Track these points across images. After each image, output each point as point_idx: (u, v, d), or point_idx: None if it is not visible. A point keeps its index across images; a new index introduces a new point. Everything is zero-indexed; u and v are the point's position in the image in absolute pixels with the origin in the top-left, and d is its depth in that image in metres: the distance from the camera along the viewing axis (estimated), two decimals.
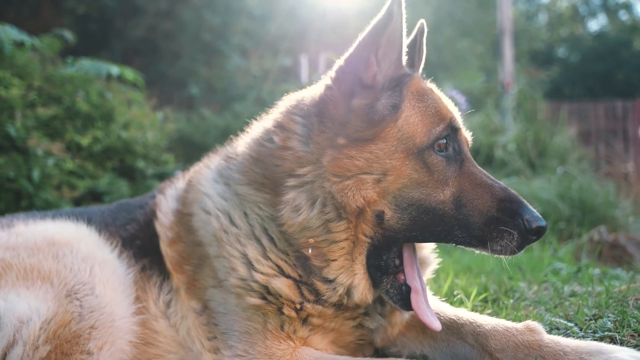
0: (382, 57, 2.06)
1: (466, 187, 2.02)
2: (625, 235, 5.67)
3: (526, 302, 2.92)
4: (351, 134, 2.01)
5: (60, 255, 2.18)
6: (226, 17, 15.90)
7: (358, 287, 2.03)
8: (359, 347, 2.22)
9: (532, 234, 1.93)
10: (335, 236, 2.00)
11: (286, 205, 2.03)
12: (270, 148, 2.15)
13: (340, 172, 1.97)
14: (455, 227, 1.98)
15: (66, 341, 1.96)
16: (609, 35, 37.35)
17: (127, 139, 6.36)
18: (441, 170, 2.00)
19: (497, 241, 1.94)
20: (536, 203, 6.36)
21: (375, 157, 1.98)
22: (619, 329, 2.22)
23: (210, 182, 2.34)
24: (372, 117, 2.01)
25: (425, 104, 2.09)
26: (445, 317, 2.29)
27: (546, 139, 8.61)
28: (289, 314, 2.06)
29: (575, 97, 30.57)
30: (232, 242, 2.14)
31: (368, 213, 1.98)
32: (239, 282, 2.10)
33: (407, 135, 2.01)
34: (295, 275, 2.08)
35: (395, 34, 2.04)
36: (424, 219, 1.99)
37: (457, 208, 1.98)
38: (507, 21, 12.87)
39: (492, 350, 2.06)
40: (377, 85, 2.05)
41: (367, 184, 1.96)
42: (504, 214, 1.95)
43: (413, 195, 1.98)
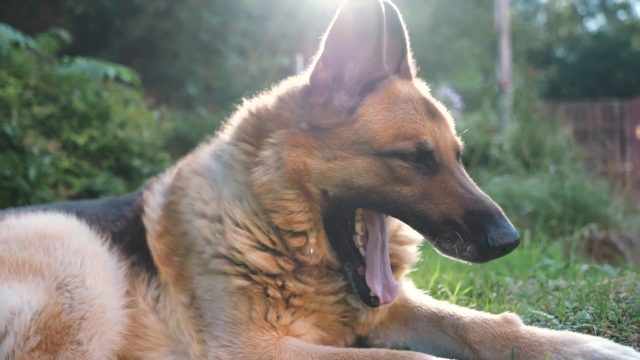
0: (330, 58, 2.13)
1: (433, 193, 2.01)
2: (616, 233, 5.73)
3: (510, 296, 2.97)
4: (312, 121, 2.13)
5: (51, 249, 2.22)
6: (224, 17, 15.93)
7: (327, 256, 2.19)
8: (342, 328, 2.29)
9: (495, 250, 1.91)
10: (289, 205, 2.13)
11: (261, 167, 2.16)
12: (268, 110, 2.28)
13: (295, 142, 2.11)
14: (408, 214, 2.03)
15: (56, 332, 2.00)
16: (607, 35, 37.39)
17: (123, 137, 6.40)
18: (404, 173, 2.02)
19: (448, 242, 1.96)
20: (528, 201, 6.42)
21: (328, 146, 2.09)
22: (596, 320, 2.28)
23: (208, 158, 2.45)
24: (328, 111, 2.13)
25: (395, 115, 2.08)
26: (427, 310, 2.35)
27: (541, 138, 8.65)
28: (274, 294, 2.12)
29: (574, 97, 30.59)
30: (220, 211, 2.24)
31: (313, 190, 2.11)
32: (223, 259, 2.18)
33: (363, 140, 2.06)
34: (269, 243, 2.17)
35: (352, 33, 2.07)
36: (374, 198, 2.05)
37: (415, 203, 2.01)
38: (505, 21, 12.90)
39: (471, 342, 2.12)
40: (320, 84, 2.14)
41: (315, 156, 2.09)
42: (466, 225, 1.94)
43: (363, 182, 2.05)
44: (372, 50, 2.10)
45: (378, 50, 2.11)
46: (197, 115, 12.54)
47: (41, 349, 1.96)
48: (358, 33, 2.07)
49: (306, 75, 2.24)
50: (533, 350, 1.93)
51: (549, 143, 8.50)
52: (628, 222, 6.42)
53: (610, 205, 6.55)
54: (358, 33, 2.07)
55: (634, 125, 17.54)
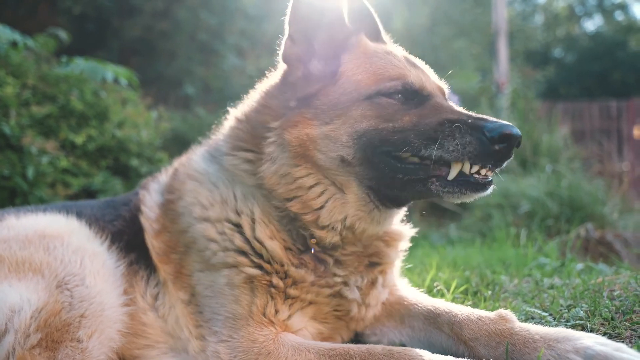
0: (295, 33, 2.27)
1: (427, 114, 2.11)
2: (612, 232, 5.76)
3: (506, 294, 3.00)
4: (298, 96, 2.22)
5: (51, 248, 2.25)
6: (222, 17, 15.93)
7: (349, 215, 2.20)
8: (337, 322, 2.32)
9: (497, 143, 1.95)
10: (302, 182, 2.18)
11: (267, 161, 2.22)
12: (255, 107, 2.36)
13: (292, 123, 2.18)
14: (411, 135, 2.06)
15: (56, 329, 2.02)
16: (605, 36, 37.45)
17: (121, 137, 6.41)
18: (396, 109, 2.13)
19: (450, 140, 1.99)
20: (525, 200, 6.45)
21: (321, 110, 2.18)
22: (590, 317, 2.31)
23: (202, 161, 2.48)
24: (309, 79, 2.24)
25: (375, 64, 2.24)
26: (423, 307, 2.39)
27: (538, 138, 8.68)
28: (277, 283, 2.17)
29: (572, 97, 30.62)
30: (226, 210, 2.28)
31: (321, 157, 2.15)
32: (233, 252, 2.21)
33: (350, 89, 2.18)
34: (281, 240, 2.22)
35: (306, 6, 2.23)
36: (383, 134, 2.10)
37: (416, 125, 2.08)
38: (502, 21, 12.96)
39: (466, 339, 2.14)
40: (296, 59, 2.28)
41: (314, 126, 2.16)
42: (462, 122, 2.01)
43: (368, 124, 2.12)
44: (335, 16, 2.26)
45: (338, 14, 2.27)
46: (195, 115, 12.54)
47: (41, 347, 1.98)
48: (316, 5, 2.23)
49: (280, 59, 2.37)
50: (527, 347, 1.96)
51: (546, 143, 8.53)
52: (624, 221, 6.45)
53: (606, 205, 6.58)
54: (316, 5, 2.23)
55: (631, 125, 17.61)
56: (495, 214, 6.60)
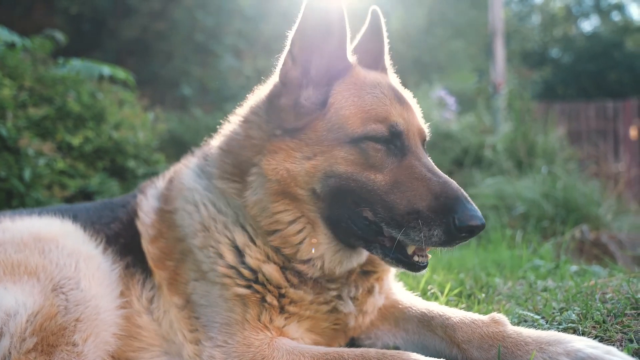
0: (299, 54, 2.18)
1: (402, 179, 2.07)
2: (607, 234, 5.79)
3: (499, 297, 3.02)
4: (285, 126, 2.16)
5: (46, 251, 2.25)
6: (219, 17, 15.92)
7: (325, 256, 2.19)
8: (334, 333, 2.33)
9: (462, 232, 1.96)
10: (281, 217, 2.16)
11: (249, 190, 2.19)
12: (237, 140, 2.31)
13: (273, 149, 2.14)
14: (379, 206, 2.05)
15: (52, 333, 2.03)
16: (601, 36, 37.51)
17: (118, 139, 6.41)
18: (377, 158, 2.09)
19: (416, 231, 1.98)
20: (520, 202, 6.48)
21: (305, 143, 2.13)
22: (582, 320, 2.33)
23: (194, 177, 2.45)
24: (299, 112, 2.16)
25: (363, 99, 2.17)
26: (417, 311, 2.40)
27: (534, 139, 8.71)
28: (271, 301, 2.17)
29: (568, 98, 30.68)
30: (221, 230, 2.26)
31: (299, 193, 2.12)
32: (226, 270, 2.20)
33: (337, 126, 2.12)
34: (280, 261, 2.21)
35: (317, 29, 2.14)
36: (352, 185, 2.08)
37: (386, 193, 2.05)
38: (499, 22, 12.97)
39: (459, 341, 2.16)
40: (293, 82, 2.18)
41: (295, 158, 2.11)
42: (429, 210, 1.98)
43: (343, 169, 2.08)
44: (336, 45, 2.18)
45: (340, 44, 2.19)
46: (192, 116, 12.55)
47: (37, 351, 1.99)
48: (323, 29, 2.15)
49: (272, 79, 2.31)
50: (519, 350, 1.98)
51: (542, 144, 8.56)
52: (619, 222, 6.48)
53: (601, 206, 6.61)
54: (323, 29, 2.15)
55: (627, 125, 17.67)
56: (491, 215, 6.62)
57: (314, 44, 2.17)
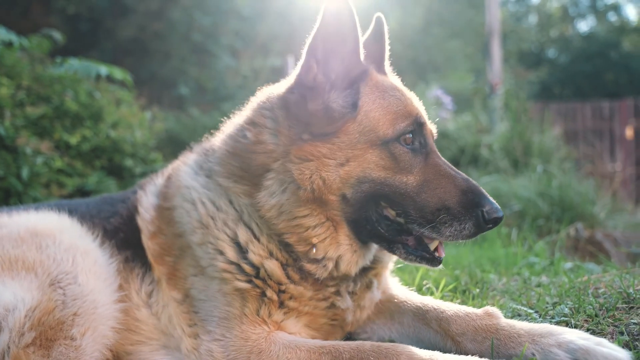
0: (322, 58, 2.18)
1: (430, 178, 2.16)
2: (601, 232, 5.82)
3: (494, 292, 3.04)
4: (314, 131, 2.16)
5: (43, 246, 2.26)
6: (216, 17, 15.96)
7: (344, 257, 2.21)
8: (331, 329, 2.35)
9: (489, 224, 2.08)
10: (304, 222, 2.16)
11: (265, 191, 2.18)
12: (245, 143, 2.29)
13: (303, 155, 2.13)
14: (410, 207, 2.12)
15: (50, 327, 2.04)
16: (598, 36, 37.61)
17: (115, 138, 6.44)
18: (407, 160, 2.15)
19: (447, 227, 2.08)
20: (516, 200, 6.51)
21: (338, 147, 2.13)
22: (574, 314, 2.35)
23: (191, 175, 2.46)
24: (331, 116, 2.16)
25: (388, 100, 2.22)
26: (412, 305, 2.43)
27: (530, 138, 8.74)
28: (271, 296, 2.19)
29: (565, 98, 30.76)
30: (220, 227, 2.26)
31: (330, 198, 2.14)
32: (226, 265, 2.21)
33: (368, 129, 2.14)
34: (283, 259, 2.22)
35: (336, 33, 2.16)
36: (385, 190, 2.13)
37: (418, 193, 2.13)
38: (496, 22, 12.99)
39: (454, 334, 2.19)
40: (320, 86, 2.18)
41: (330, 166, 2.12)
42: (459, 205, 2.09)
43: (376, 175, 2.13)
44: (351, 48, 2.20)
45: (355, 47, 2.21)
46: (189, 115, 12.57)
47: (36, 345, 2.00)
48: (340, 34, 2.17)
49: (285, 85, 2.30)
50: (512, 342, 2.01)
51: (538, 143, 8.59)
52: (614, 221, 6.52)
53: (596, 205, 6.65)
54: (340, 34, 2.17)
55: (623, 125, 17.72)
56: None
57: (334, 48, 2.19)
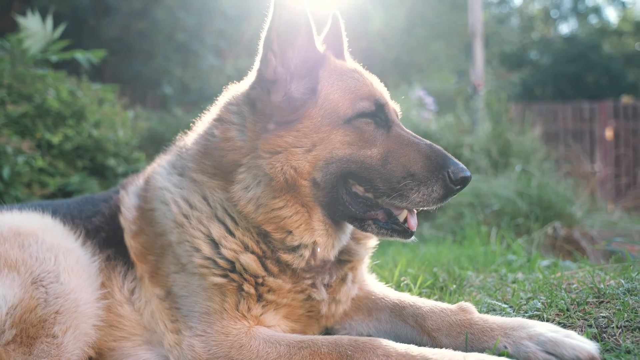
0: (279, 50, 2.28)
1: (394, 148, 2.24)
2: (579, 231, 5.93)
3: (471, 289, 3.11)
4: (278, 120, 2.24)
5: (26, 245, 2.28)
6: (200, 17, 15.90)
7: (319, 242, 2.28)
8: (308, 320, 2.41)
9: (456, 184, 2.17)
10: (281, 213, 2.23)
11: (238, 185, 2.25)
12: (214, 141, 2.37)
13: (271, 148, 2.20)
14: (377, 180, 2.20)
15: (32, 325, 2.08)
16: (579, 39, 38.04)
17: (98, 137, 6.40)
18: (369, 132, 2.24)
19: (414, 192, 2.16)
20: (495, 199, 6.60)
21: (303, 133, 2.21)
22: (547, 309, 2.43)
23: (164, 176, 2.51)
24: (293, 104, 2.25)
25: (346, 82, 2.32)
26: (389, 301, 2.49)
27: (510, 138, 8.85)
28: (249, 290, 2.24)
29: (547, 99, 31.08)
30: (195, 225, 2.31)
31: (302, 183, 2.21)
32: (203, 261, 2.26)
33: (330, 110, 2.24)
34: (259, 251, 2.28)
35: (288, 25, 2.25)
36: (352, 167, 2.21)
37: (383, 165, 2.21)
38: (478, 24, 13.11)
39: (429, 329, 2.25)
40: (281, 77, 2.28)
41: (298, 155, 2.20)
42: (424, 169, 2.17)
43: (343, 152, 2.21)
44: (306, 37, 2.30)
45: (309, 35, 2.32)
46: (173, 115, 12.54)
47: (16, 342, 2.04)
48: (293, 26, 2.26)
49: (248, 81, 2.40)
50: (485, 335, 2.08)
51: (517, 143, 8.70)
52: (591, 220, 6.64)
53: (574, 204, 6.76)
54: (293, 26, 2.26)
55: (603, 126, 17.97)
56: (467, 212, 6.74)
57: (288, 39, 2.28)
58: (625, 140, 17.63)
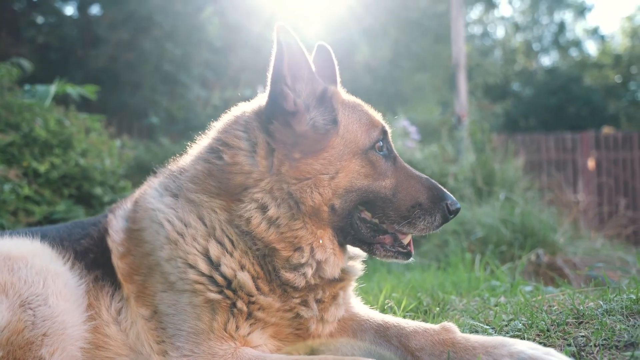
0: (293, 83, 2.38)
1: (401, 179, 2.44)
2: (562, 258, 6.02)
3: (454, 312, 3.16)
4: (304, 149, 2.34)
5: (15, 269, 2.31)
6: (188, 48, 16.08)
7: (329, 260, 2.38)
8: (295, 339, 2.44)
9: (451, 214, 2.43)
10: (297, 232, 2.33)
11: (249, 205, 2.33)
12: (219, 165, 2.42)
13: (301, 175, 2.32)
14: (390, 209, 2.38)
15: (19, 347, 2.09)
16: (560, 71, 38.83)
17: (84, 165, 6.43)
18: (381, 165, 2.41)
19: (421, 220, 2.38)
20: (479, 227, 6.69)
21: (329, 161, 2.33)
22: (527, 329, 2.49)
23: (157, 197, 2.54)
24: (318, 133, 2.36)
25: (358, 114, 2.49)
26: (374, 322, 2.53)
27: (494, 168, 8.99)
28: (241, 307, 2.28)
29: (530, 130, 31.55)
30: (190, 242, 2.35)
31: (323, 209, 2.33)
32: (198, 277, 2.30)
33: (350, 140, 2.39)
34: (254, 272, 2.33)
35: (295, 58, 2.36)
36: (370, 197, 2.37)
37: (394, 195, 2.39)
38: (462, 56, 13.36)
39: (413, 349, 2.30)
40: (301, 108, 2.38)
41: (324, 181, 2.32)
42: (429, 200, 2.39)
43: (361, 184, 2.36)
44: (308, 71, 2.42)
45: (310, 70, 2.43)
46: (159, 144, 12.58)
47: None
48: (295, 59, 2.37)
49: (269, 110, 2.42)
50: (467, 354, 2.13)
51: (502, 172, 8.84)
52: (574, 247, 6.73)
53: (557, 232, 6.85)
54: (295, 59, 2.37)
55: (585, 156, 18.26)
56: (451, 239, 6.81)
57: (296, 73, 2.39)
58: (607, 170, 17.91)
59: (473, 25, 44.68)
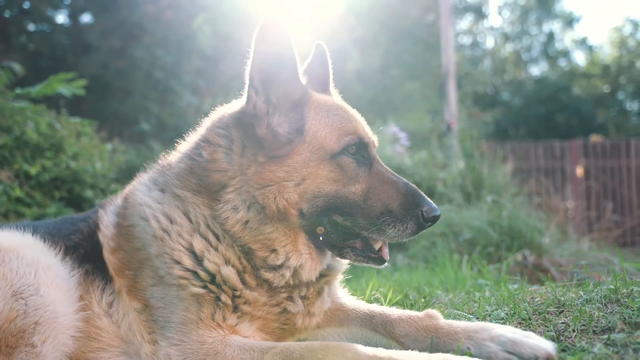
0: (260, 86, 2.40)
1: (375, 185, 2.40)
2: (548, 259, 6.10)
3: (440, 304, 3.22)
4: (268, 153, 2.37)
5: (7, 260, 2.35)
6: (179, 56, 16.14)
7: (305, 266, 2.41)
8: (282, 333, 2.50)
9: (427, 222, 2.35)
10: (269, 235, 2.36)
11: (225, 205, 2.37)
12: (200, 162, 2.48)
13: (263, 182, 2.34)
14: (359, 215, 2.35)
15: (12, 335, 2.13)
16: (549, 80, 39.18)
17: (75, 169, 6.47)
18: (352, 170, 2.38)
19: (391, 227, 2.33)
20: (467, 229, 6.77)
21: (294, 169, 2.34)
22: (509, 318, 2.55)
23: (145, 192, 2.60)
24: (279, 140, 2.38)
25: (332, 119, 2.45)
26: (360, 312, 2.59)
27: (482, 173, 9.09)
28: (226, 301, 2.33)
29: (519, 138, 31.78)
30: (175, 239, 2.41)
31: (292, 212, 2.34)
32: (183, 272, 2.35)
33: (317, 147, 2.37)
34: (240, 266, 2.38)
35: (269, 61, 2.37)
36: (337, 202, 2.35)
37: (364, 200, 2.36)
38: (452, 65, 13.49)
39: (398, 336, 2.36)
40: (261, 111, 2.40)
41: (289, 188, 2.33)
42: (401, 207, 2.34)
43: (329, 189, 2.35)
44: (290, 72, 2.42)
45: (294, 71, 2.43)
46: (150, 148, 12.61)
47: None
48: (275, 59, 2.38)
49: (239, 110, 2.49)
50: (450, 339, 2.20)
51: (490, 177, 8.93)
52: (561, 249, 6.81)
53: (544, 235, 6.94)
54: (275, 59, 2.38)
55: (574, 164, 18.43)
56: (439, 241, 6.89)
57: (271, 74, 2.40)
58: (595, 177, 18.10)
59: (463, 35, 45.11)
